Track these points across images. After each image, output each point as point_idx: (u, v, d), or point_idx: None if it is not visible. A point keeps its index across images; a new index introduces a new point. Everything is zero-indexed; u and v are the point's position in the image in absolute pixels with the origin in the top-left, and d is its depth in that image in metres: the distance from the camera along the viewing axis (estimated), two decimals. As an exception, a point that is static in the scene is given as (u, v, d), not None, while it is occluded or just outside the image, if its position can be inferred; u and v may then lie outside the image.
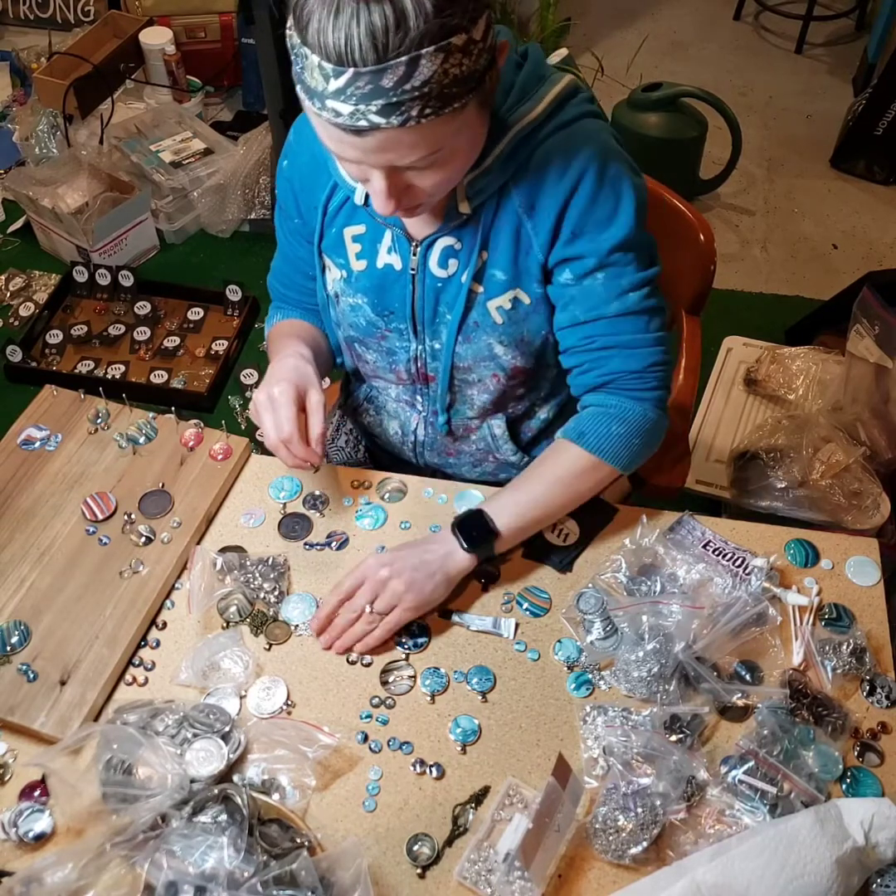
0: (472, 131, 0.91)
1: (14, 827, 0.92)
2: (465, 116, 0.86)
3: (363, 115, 0.81)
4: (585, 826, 0.93)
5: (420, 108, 0.81)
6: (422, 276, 1.11)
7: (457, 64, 0.81)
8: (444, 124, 0.85)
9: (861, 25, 3.80)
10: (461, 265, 1.10)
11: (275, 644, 1.07)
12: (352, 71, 0.78)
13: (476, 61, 0.83)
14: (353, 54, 0.78)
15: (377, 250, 1.12)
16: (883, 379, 1.98)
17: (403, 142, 0.84)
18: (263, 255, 2.92)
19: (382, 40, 0.77)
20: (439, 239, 1.09)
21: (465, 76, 0.82)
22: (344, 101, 0.81)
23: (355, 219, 1.12)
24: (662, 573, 1.11)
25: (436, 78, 0.80)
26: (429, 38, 0.78)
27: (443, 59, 0.79)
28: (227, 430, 1.26)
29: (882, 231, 2.98)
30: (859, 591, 1.12)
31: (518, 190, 1.04)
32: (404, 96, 0.80)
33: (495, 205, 1.05)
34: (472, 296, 1.11)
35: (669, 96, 2.79)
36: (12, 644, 1.04)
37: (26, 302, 2.68)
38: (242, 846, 0.85)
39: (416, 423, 1.30)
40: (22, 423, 1.26)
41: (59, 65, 2.98)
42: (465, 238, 1.08)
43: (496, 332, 1.13)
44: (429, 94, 0.80)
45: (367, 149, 0.85)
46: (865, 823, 0.88)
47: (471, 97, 0.85)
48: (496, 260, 1.08)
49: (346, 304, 1.18)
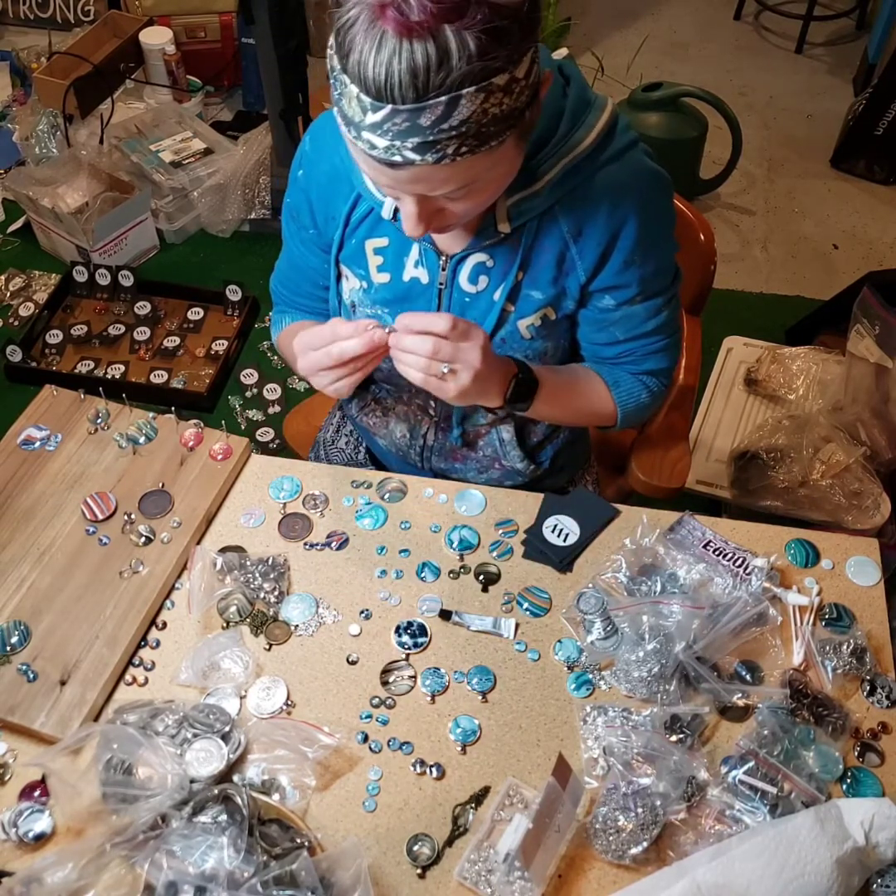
0: (508, 163, 0.90)
1: (14, 827, 0.92)
2: (502, 151, 0.85)
3: (398, 151, 0.80)
4: (585, 826, 0.93)
5: (457, 147, 0.80)
6: (449, 291, 1.11)
7: (497, 103, 0.78)
8: (481, 160, 0.83)
9: (861, 25, 3.80)
10: (492, 282, 1.09)
11: (275, 644, 1.07)
12: (390, 107, 0.77)
13: (517, 99, 0.80)
14: (393, 91, 0.76)
15: (403, 263, 1.11)
16: (883, 379, 1.98)
17: (437, 177, 0.83)
18: (263, 255, 2.95)
19: (423, 79, 0.75)
20: (471, 255, 1.08)
21: (506, 115, 0.80)
22: (380, 136, 0.79)
23: (378, 231, 1.11)
24: (663, 573, 1.11)
25: (475, 118, 0.78)
26: (470, 78, 0.75)
27: (483, 98, 0.77)
28: (227, 430, 1.26)
29: (882, 231, 2.98)
30: (859, 591, 1.12)
31: (565, 215, 1.04)
32: (441, 135, 0.78)
33: (536, 226, 1.05)
34: (503, 314, 1.10)
35: (669, 96, 2.79)
36: (12, 644, 1.04)
37: (26, 302, 2.68)
38: (242, 846, 0.85)
39: (426, 428, 1.28)
40: (22, 423, 1.26)
41: (59, 65, 2.98)
42: (500, 256, 1.07)
43: (522, 347, 1.13)
44: (466, 133, 0.79)
45: (400, 179, 0.85)
46: (866, 823, 0.88)
47: (509, 133, 0.83)
48: (534, 280, 1.08)
49: (364, 314, 1.17)
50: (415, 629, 1.08)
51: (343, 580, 1.13)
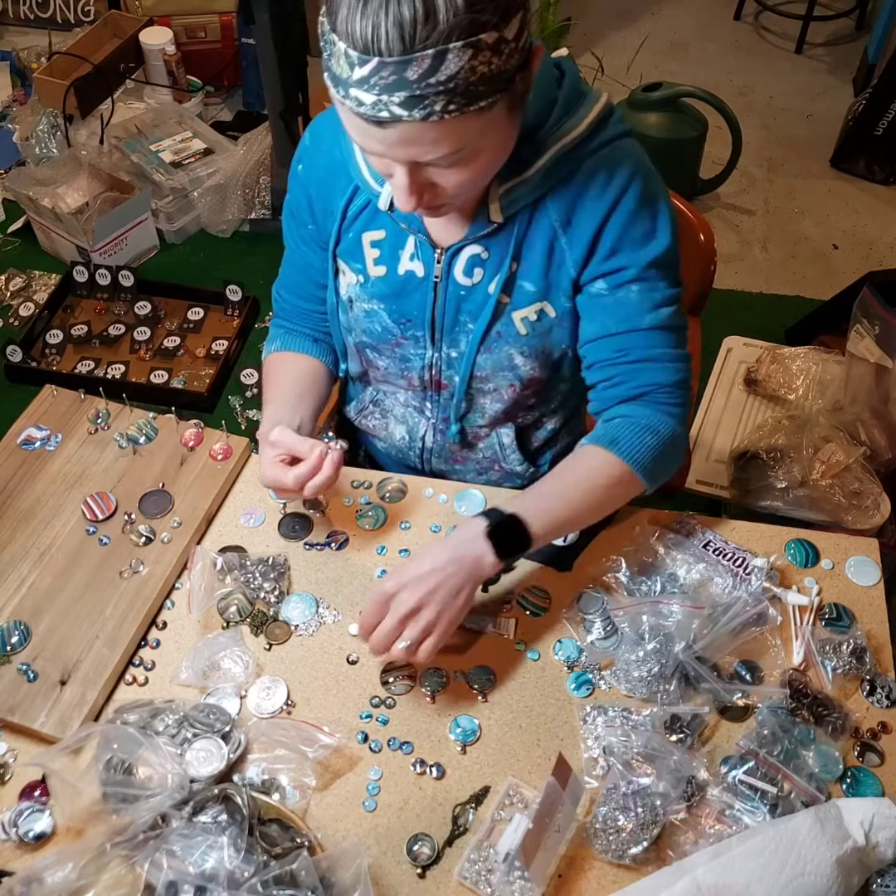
0: (499, 133, 0.90)
1: (14, 827, 0.92)
2: (492, 116, 0.85)
3: (385, 107, 0.80)
4: (585, 826, 0.93)
5: (444, 104, 0.80)
6: (445, 284, 1.10)
7: (486, 62, 0.79)
8: (469, 123, 0.83)
9: (861, 25, 3.80)
10: (487, 274, 1.09)
11: (275, 644, 1.07)
12: (377, 60, 0.78)
13: (507, 61, 0.81)
14: (380, 43, 0.77)
15: (398, 256, 1.11)
16: (883, 379, 1.98)
17: (426, 137, 0.83)
18: (263, 255, 2.95)
19: (410, 31, 0.76)
20: (466, 247, 1.08)
21: (494, 75, 0.81)
22: (367, 91, 0.80)
23: (375, 224, 1.11)
24: (662, 573, 1.11)
25: (462, 74, 0.79)
26: (457, 32, 0.76)
27: (471, 55, 0.78)
28: (227, 430, 1.26)
29: (882, 231, 2.98)
30: (859, 591, 1.12)
31: (555, 204, 1.04)
32: (428, 90, 0.79)
33: (528, 216, 1.05)
34: (498, 306, 1.10)
35: (669, 96, 2.79)
36: (12, 644, 1.04)
37: (26, 302, 2.68)
38: (242, 846, 0.85)
39: (424, 430, 1.28)
40: (22, 423, 1.26)
41: (59, 65, 2.98)
42: (494, 248, 1.07)
43: (518, 343, 1.12)
44: (454, 89, 0.79)
45: (389, 142, 0.85)
46: (866, 823, 0.88)
47: (499, 97, 0.83)
48: (527, 271, 1.08)
49: (361, 309, 1.17)
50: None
51: (343, 580, 1.13)
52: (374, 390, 1.31)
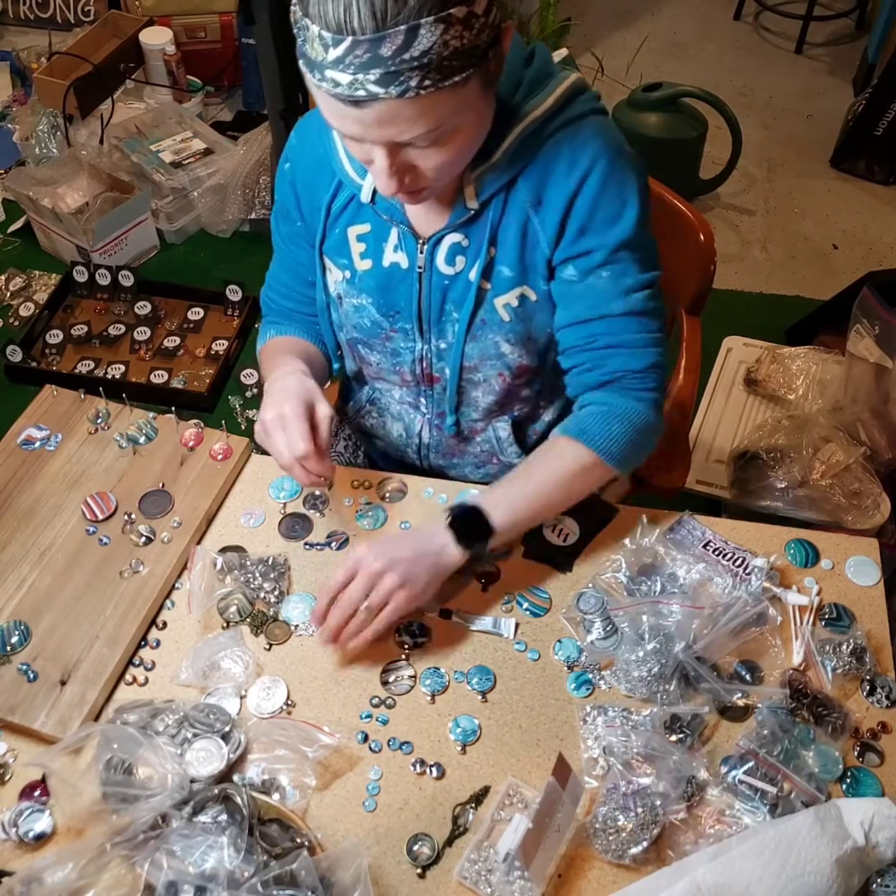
0: (474, 111, 0.91)
1: (14, 827, 0.92)
2: (466, 93, 0.86)
3: (361, 85, 0.81)
4: (585, 826, 0.93)
5: (419, 79, 0.81)
6: (429, 275, 1.11)
7: (457, 36, 0.81)
8: (445, 99, 0.85)
9: (861, 25, 3.80)
10: (469, 262, 1.09)
11: (275, 644, 1.07)
12: (350, 39, 0.79)
13: (478, 36, 0.83)
14: (352, 22, 0.78)
15: (383, 249, 1.12)
16: (883, 379, 1.98)
17: (403, 115, 0.84)
18: (263, 255, 2.89)
19: (381, 8, 0.78)
20: (447, 236, 1.09)
21: (466, 49, 0.82)
22: (342, 71, 0.81)
23: (360, 218, 1.12)
24: (662, 573, 1.11)
25: (435, 49, 0.80)
26: (428, 7, 0.78)
27: (443, 29, 0.79)
28: (227, 430, 1.26)
29: (882, 231, 2.98)
30: (859, 591, 1.12)
31: (526, 185, 1.04)
32: (403, 66, 0.80)
33: (503, 201, 1.05)
34: (480, 293, 1.10)
35: (669, 96, 2.79)
36: (12, 644, 1.04)
37: (26, 302, 2.68)
38: (242, 846, 0.85)
39: (420, 426, 1.29)
40: (22, 423, 1.26)
41: (59, 65, 2.98)
42: (473, 234, 1.08)
43: (503, 330, 1.13)
44: (428, 64, 0.81)
45: (367, 122, 0.85)
46: (865, 823, 0.88)
47: (472, 72, 0.85)
48: (504, 256, 1.08)
49: (350, 305, 1.18)
50: (415, 629, 1.08)
51: (343, 580, 1.13)
52: (370, 389, 1.32)
